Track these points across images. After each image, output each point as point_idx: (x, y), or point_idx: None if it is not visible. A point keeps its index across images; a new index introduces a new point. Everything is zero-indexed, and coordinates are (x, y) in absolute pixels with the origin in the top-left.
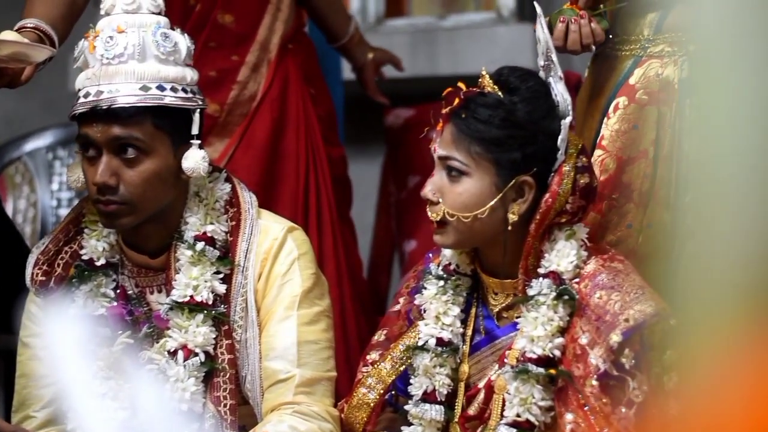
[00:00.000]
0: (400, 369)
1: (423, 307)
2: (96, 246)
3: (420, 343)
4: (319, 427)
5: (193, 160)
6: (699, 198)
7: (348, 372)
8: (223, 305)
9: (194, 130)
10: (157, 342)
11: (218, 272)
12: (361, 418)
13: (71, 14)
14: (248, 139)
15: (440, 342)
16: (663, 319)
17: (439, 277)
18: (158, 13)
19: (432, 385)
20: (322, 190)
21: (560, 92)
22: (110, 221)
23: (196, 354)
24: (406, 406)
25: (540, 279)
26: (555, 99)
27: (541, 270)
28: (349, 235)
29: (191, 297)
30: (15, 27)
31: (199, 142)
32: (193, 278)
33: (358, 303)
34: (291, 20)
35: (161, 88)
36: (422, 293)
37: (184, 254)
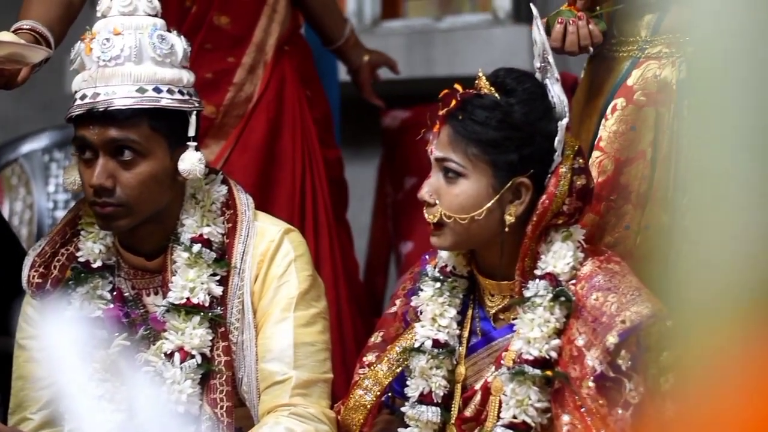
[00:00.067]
0: (397, 371)
1: (419, 309)
2: (92, 248)
3: (416, 345)
4: (316, 429)
5: (190, 162)
6: (697, 199)
7: (344, 374)
8: (220, 307)
9: (191, 132)
10: (154, 344)
11: (215, 274)
12: (358, 420)
13: (67, 16)
14: (244, 141)
15: (437, 344)
16: (659, 321)
17: (436, 279)
18: (154, 15)
19: (428, 387)
20: (319, 192)
21: (557, 94)
22: (107, 223)
23: (193, 356)
24: (403, 408)
25: (536, 280)
26: (552, 100)
27: (538, 271)
28: (346, 237)
29: (188, 299)
30: (11, 28)
31: (196, 144)
32: (190, 280)
33: (355, 305)
34: (287, 22)
35: (158, 90)
36: (419, 295)
37: (181, 256)
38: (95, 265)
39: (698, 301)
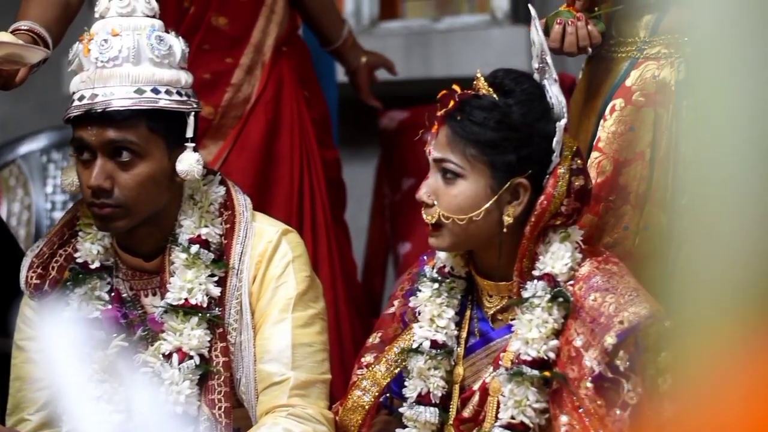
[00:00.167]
0: (395, 371)
1: (417, 310)
2: (90, 249)
3: (414, 346)
4: (314, 430)
5: (188, 163)
6: (695, 200)
7: (342, 374)
8: (218, 308)
9: (189, 133)
10: (152, 345)
11: (213, 275)
12: (356, 421)
13: (65, 16)
14: (242, 142)
15: (435, 344)
16: (657, 321)
17: (434, 280)
18: (152, 16)
19: (426, 388)
20: (317, 193)
21: (555, 94)
22: (105, 224)
23: (191, 357)
24: (401, 409)
25: (534, 281)
26: (550, 101)
27: (536, 272)
28: (344, 238)
29: (186, 300)
30: (9, 29)
31: (194, 145)
32: (188, 281)
33: (353, 305)
34: (285, 23)
35: (156, 92)
36: (417, 296)
37: (179, 257)
38: (93, 266)
39: (697, 302)
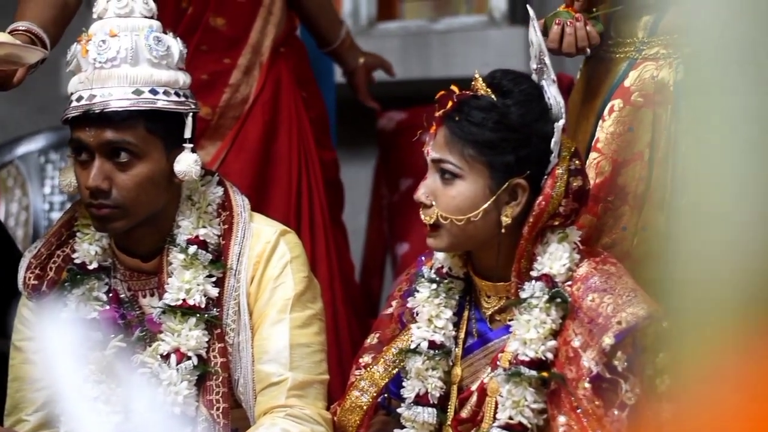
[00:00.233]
0: (393, 372)
1: (415, 310)
2: (88, 250)
3: (412, 346)
4: (312, 430)
5: (186, 164)
6: (694, 201)
7: (340, 375)
8: (216, 309)
9: (187, 134)
10: (150, 345)
11: (211, 276)
12: (354, 421)
13: (63, 17)
14: (240, 143)
15: (433, 345)
16: (655, 322)
17: (432, 280)
18: (150, 17)
19: (424, 388)
20: (315, 194)
21: (553, 95)
22: (103, 225)
23: (189, 357)
24: (399, 409)
25: (532, 282)
26: (548, 102)
27: (534, 273)
28: (342, 239)
29: (184, 300)
30: (7, 29)
31: (192, 146)
32: (186, 282)
33: (351, 306)
34: (283, 23)
35: (154, 92)
36: (415, 296)
37: (177, 258)
38: (91, 267)
39: (695, 303)
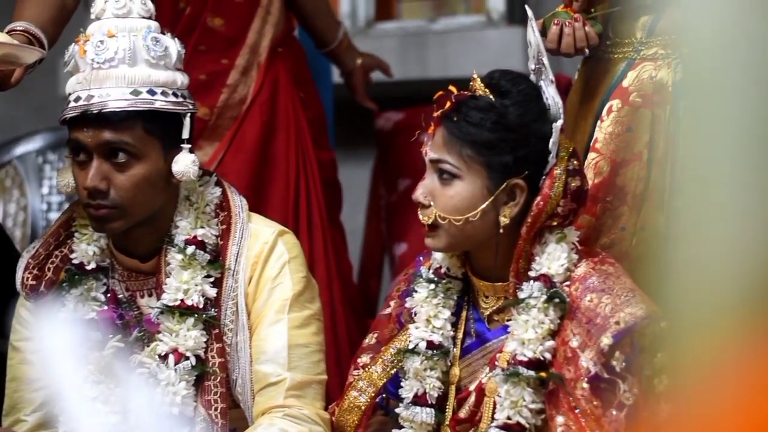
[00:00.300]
0: (391, 372)
1: (414, 311)
2: (86, 250)
3: (411, 346)
4: (310, 430)
5: (184, 164)
6: (693, 201)
7: (339, 375)
8: (214, 309)
9: (185, 134)
10: (148, 346)
11: (209, 276)
12: (352, 421)
13: (61, 17)
14: (238, 143)
15: (431, 345)
16: (653, 322)
17: (430, 281)
18: (148, 18)
19: (423, 388)
20: (312, 194)
21: (551, 95)
22: (101, 225)
23: (187, 357)
24: (397, 409)
25: (531, 282)
26: (546, 102)
27: (532, 273)
28: (339, 239)
29: (182, 301)
30: (5, 30)
31: (190, 146)
32: (184, 282)
33: (349, 306)
34: (281, 24)
35: (152, 93)
36: (413, 296)
37: (175, 258)
38: (89, 267)
39: (693, 303)
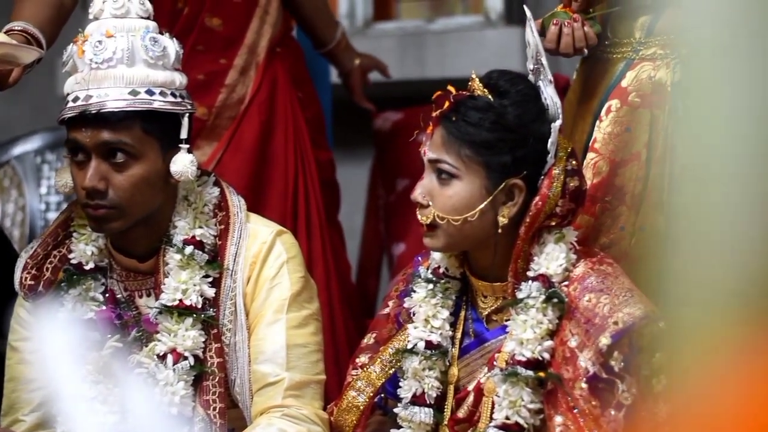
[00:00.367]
0: (390, 372)
1: (412, 310)
2: (85, 250)
3: (409, 346)
4: (309, 430)
5: (182, 164)
6: (691, 201)
7: (337, 375)
8: (212, 309)
9: (183, 135)
10: (146, 346)
11: (207, 276)
12: (351, 421)
13: (59, 17)
14: (236, 143)
15: (429, 345)
16: (652, 322)
17: (429, 280)
18: (147, 18)
19: (421, 388)
20: (311, 194)
21: (550, 95)
22: (99, 225)
23: (186, 358)
24: (396, 409)
25: (529, 282)
26: (545, 102)
27: (531, 273)
28: (338, 239)
29: (180, 301)
30: (3, 29)
31: (188, 146)
32: (182, 282)
33: (347, 306)
34: (279, 24)
35: (150, 93)
36: (411, 296)
37: (173, 258)
38: (87, 267)
39: (692, 303)
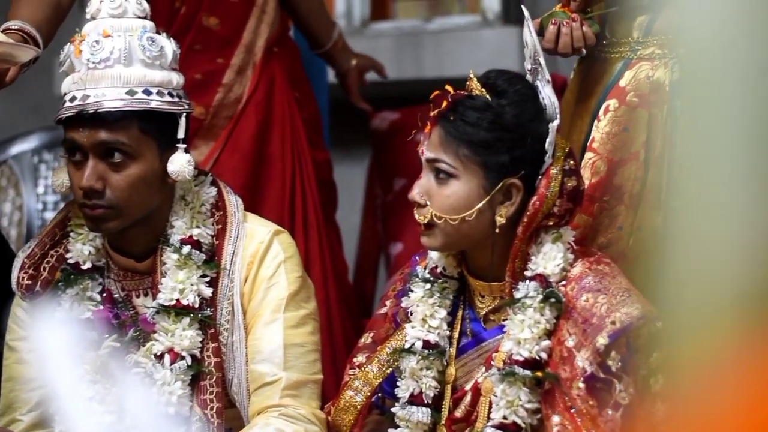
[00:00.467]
0: (387, 372)
1: (409, 310)
2: (82, 250)
3: (407, 346)
4: (306, 430)
5: (179, 164)
6: (689, 201)
7: (334, 375)
8: (210, 308)
9: (180, 134)
10: (144, 345)
11: (204, 276)
12: (348, 421)
13: (56, 17)
14: (234, 142)
15: (427, 345)
16: (649, 322)
17: (426, 280)
18: (144, 18)
19: (419, 388)
20: (308, 194)
21: (548, 95)
22: (96, 225)
23: (183, 357)
24: (393, 409)
25: (527, 282)
26: (542, 102)
27: (528, 273)
28: (335, 239)
29: (177, 300)
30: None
31: (185, 146)
32: (180, 282)
33: (344, 306)
34: (276, 24)
35: (147, 93)
36: (409, 296)
37: (170, 258)
38: (85, 267)
39: (690, 303)
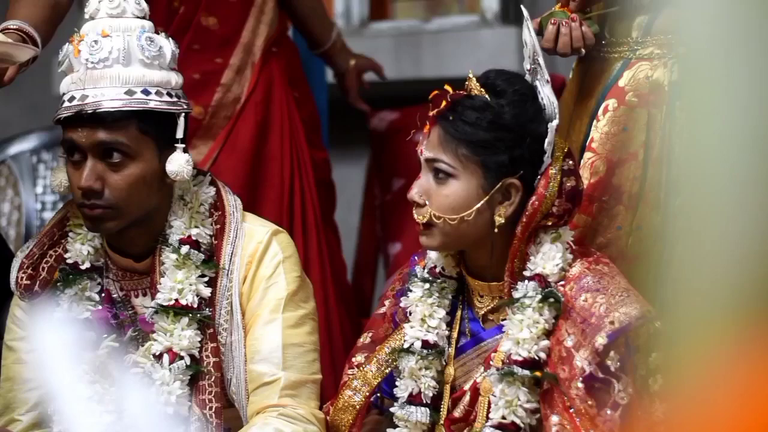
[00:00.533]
0: (386, 371)
1: (408, 310)
2: (81, 250)
3: (405, 346)
4: (305, 430)
5: (177, 164)
6: (688, 200)
7: (333, 374)
8: (208, 308)
9: (179, 134)
10: (143, 345)
11: (203, 275)
12: (347, 421)
13: (54, 16)
14: (232, 142)
15: (426, 344)
16: (648, 322)
17: (425, 280)
18: (142, 17)
19: (417, 388)
20: (307, 193)
21: (547, 95)
22: (95, 225)
23: (182, 357)
24: (392, 409)
25: (525, 282)
26: (541, 102)
27: (527, 273)
28: (334, 238)
29: (176, 300)
30: None
31: (184, 146)
32: (178, 282)
33: (343, 306)
34: (275, 23)
35: (146, 93)
36: (408, 296)
37: (169, 258)
38: (83, 267)
39: (689, 302)
